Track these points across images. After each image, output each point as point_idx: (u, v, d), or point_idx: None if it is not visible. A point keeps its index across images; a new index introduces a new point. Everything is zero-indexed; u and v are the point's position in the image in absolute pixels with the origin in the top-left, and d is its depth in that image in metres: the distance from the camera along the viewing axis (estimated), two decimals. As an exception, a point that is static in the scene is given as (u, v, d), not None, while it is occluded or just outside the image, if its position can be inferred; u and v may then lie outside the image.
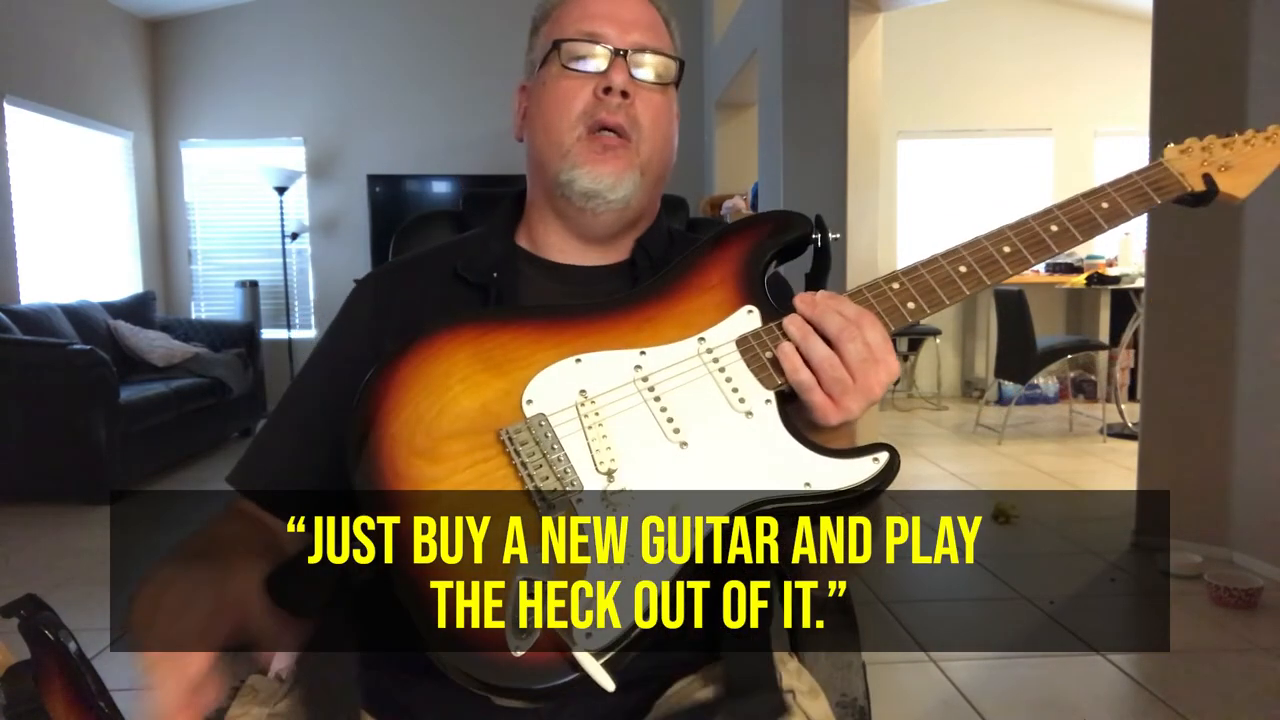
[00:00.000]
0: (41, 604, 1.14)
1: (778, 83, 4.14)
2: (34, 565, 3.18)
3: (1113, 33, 6.56)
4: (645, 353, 0.75)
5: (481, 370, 0.73)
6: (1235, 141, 0.82)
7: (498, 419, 0.71)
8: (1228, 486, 2.99)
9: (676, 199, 1.17)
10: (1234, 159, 0.81)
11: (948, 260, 0.76)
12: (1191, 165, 0.81)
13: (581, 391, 0.73)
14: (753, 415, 0.72)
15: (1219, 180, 0.80)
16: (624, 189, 0.86)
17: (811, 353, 0.71)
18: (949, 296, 0.75)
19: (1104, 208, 0.79)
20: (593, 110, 0.85)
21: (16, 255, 4.93)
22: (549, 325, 0.76)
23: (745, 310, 0.76)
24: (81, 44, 5.63)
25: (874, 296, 0.75)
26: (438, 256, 0.94)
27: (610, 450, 0.70)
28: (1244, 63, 2.89)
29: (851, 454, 0.70)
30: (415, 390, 0.72)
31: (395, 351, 0.74)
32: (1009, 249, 0.77)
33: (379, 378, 0.73)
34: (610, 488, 0.69)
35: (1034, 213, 0.78)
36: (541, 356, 0.74)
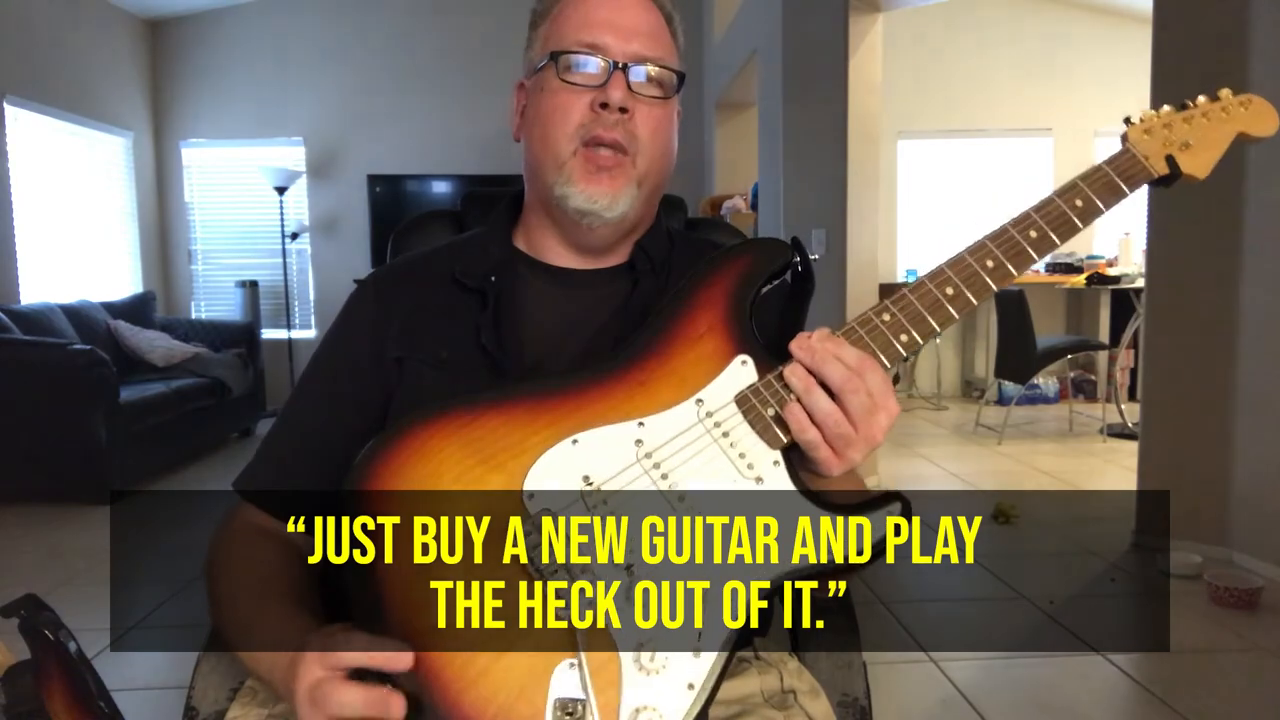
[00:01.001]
0: (41, 604, 1.14)
1: (778, 83, 4.14)
2: (34, 565, 3.18)
3: (1113, 33, 6.56)
4: (644, 423, 0.70)
5: (475, 466, 0.68)
6: (1194, 115, 0.82)
7: (501, 521, 0.67)
8: (1228, 486, 2.99)
9: (674, 199, 1.17)
10: (1193, 135, 0.81)
11: (934, 283, 0.74)
12: (1154, 146, 0.80)
13: (585, 479, 0.68)
14: (763, 481, 0.69)
15: (1180, 161, 0.80)
16: (620, 206, 0.84)
17: (815, 408, 0.68)
18: (939, 323, 0.74)
19: (1078, 205, 0.78)
20: (590, 125, 0.82)
21: (16, 255, 4.93)
22: (538, 402, 0.71)
23: (739, 361, 0.72)
24: (81, 44, 5.63)
25: (868, 333, 0.72)
26: (437, 258, 0.92)
27: (625, 541, 0.67)
28: (1244, 62, 2.89)
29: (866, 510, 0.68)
30: (405, 499, 0.67)
31: (374, 453, 0.69)
32: (992, 263, 0.75)
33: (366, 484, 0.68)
34: (631, 582, 0.66)
35: (1012, 219, 0.77)
36: (535, 442, 0.69)
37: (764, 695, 0.85)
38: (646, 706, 0.63)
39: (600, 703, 0.63)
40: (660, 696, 0.63)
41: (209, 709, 0.87)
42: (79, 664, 1.12)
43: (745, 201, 5.22)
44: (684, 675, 0.64)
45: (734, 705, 0.83)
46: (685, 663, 0.64)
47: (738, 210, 5.17)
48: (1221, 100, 0.83)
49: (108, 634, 2.50)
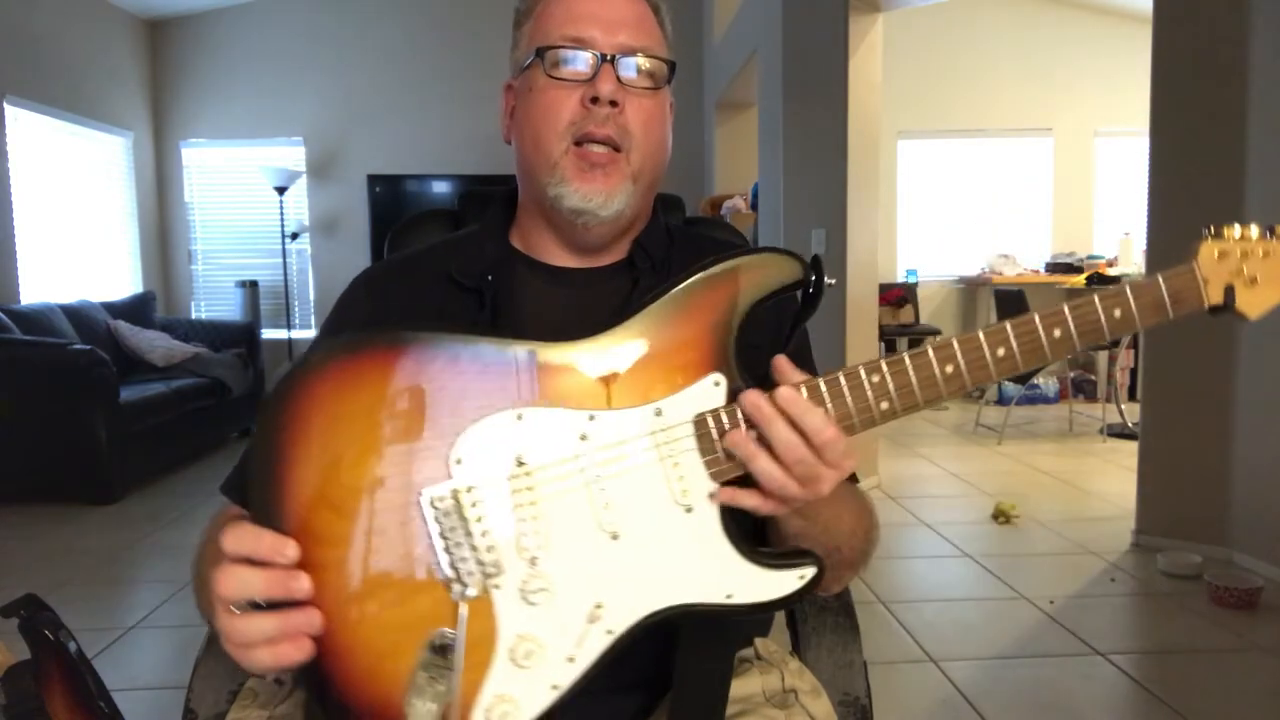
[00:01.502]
0: (41, 604, 1.14)
1: (778, 83, 4.14)
2: (34, 565, 3.18)
3: (1113, 33, 6.56)
4: (595, 417, 0.67)
5: (409, 412, 0.66)
6: (1275, 250, 0.73)
7: (421, 477, 0.66)
8: (1228, 486, 2.99)
9: (672, 198, 1.16)
10: (1265, 271, 0.72)
11: (937, 355, 0.69)
12: (1220, 272, 0.72)
13: (518, 460, 0.66)
14: (692, 511, 0.67)
15: (1239, 295, 0.72)
16: (616, 204, 0.82)
17: (757, 471, 0.66)
18: (926, 400, 0.69)
19: (1116, 316, 0.71)
20: (580, 122, 0.80)
21: (16, 255, 4.93)
22: (494, 364, 0.68)
23: (712, 381, 0.68)
24: (81, 44, 5.63)
25: (850, 388, 0.68)
26: (432, 257, 0.91)
27: (539, 535, 0.66)
28: (1244, 63, 2.89)
29: (781, 565, 0.68)
30: (332, 425, 0.65)
31: (311, 366, 0.67)
32: (1003, 352, 0.70)
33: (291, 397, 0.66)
34: (531, 576, 0.65)
35: (1045, 312, 0.71)
36: (478, 404, 0.67)
37: (765, 695, 0.85)
38: (507, 696, 0.64)
39: (465, 679, 0.63)
40: (522, 690, 0.64)
41: (208, 711, 0.87)
42: (79, 664, 1.12)
43: (745, 201, 5.22)
44: (552, 677, 0.65)
45: (735, 705, 0.82)
46: (557, 666, 0.65)
47: (738, 210, 5.17)
48: None
49: (108, 634, 2.51)
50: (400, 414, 0.66)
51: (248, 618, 0.62)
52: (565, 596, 0.65)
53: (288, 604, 0.62)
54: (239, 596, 0.62)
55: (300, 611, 0.62)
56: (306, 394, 0.66)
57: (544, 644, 0.65)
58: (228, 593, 0.62)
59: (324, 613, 0.63)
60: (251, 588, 0.62)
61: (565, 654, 0.65)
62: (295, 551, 0.63)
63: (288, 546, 0.62)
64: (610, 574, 0.66)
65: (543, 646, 0.65)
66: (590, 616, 0.65)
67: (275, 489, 0.64)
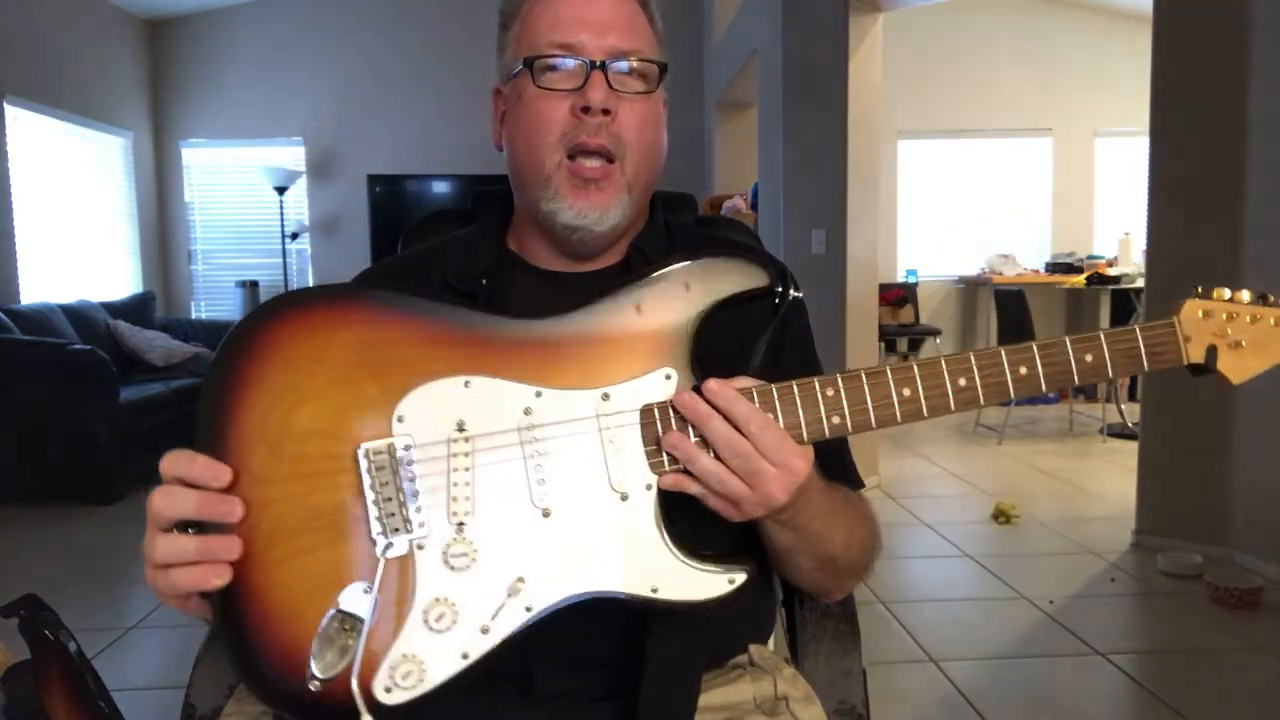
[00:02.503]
0: (41, 604, 1.14)
1: (778, 83, 4.14)
2: (34, 565, 3.18)
3: (1113, 33, 6.56)
4: (541, 394, 0.68)
5: (358, 364, 0.67)
6: (1264, 317, 0.71)
7: (361, 429, 0.66)
8: (1228, 486, 2.99)
9: (684, 196, 1.15)
10: (1250, 337, 0.71)
11: (895, 376, 0.69)
12: (1203, 331, 0.71)
13: (459, 424, 0.66)
14: (627, 499, 0.67)
15: (1221, 356, 0.71)
16: (611, 219, 0.80)
17: (697, 468, 0.66)
18: (879, 421, 0.69)
19: (1087, 361, 0.70)
20: (573, 132, 0.78)
21: (16, 255, 4.93)
22: (447, 330, 0.69)
23: (663, 374, 0.69)
24: (81, 44, 5.63)
25: (802, 398, 0.68)
26: (428, 259, 0.91)
27: (469, 500, 0.66)
28: (1244, 63, 2.89)
29: (712, 567, 0.67)
30: (280, 367, 0.66)
31: (270, 310, 0.68)
32: (964, 382, 0.69)
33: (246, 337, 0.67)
34: (455, 541, 0.65)
35: (1012, 346, 0.70)
36: (428, 367, 0.67)
37: (756, 702, 0.83)
38: (414, 657, 0.64)
39: (374, 635, 0.63)
40: (431, 653, 0.64)
41: (206, 706, 0.87)
42: (79, 664, 1.12)
43: (745, 201, 5.22)
44: (463, 644, 0.65)
45: (722, 712, 0.81)
46: (470, 635, 0.65)
47: (738, 210, 5.17)
48: None
49: (108, 634, 2.51)
50: (350, 366, 0.67)
51: (172, 536, 0.63)
52: (487, 566, 0.65)
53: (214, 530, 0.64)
54: (171, 514, 0.63)
55: (223, 536, 0.63)
56: (261, 336, 0.67)
57: (459, 610, 0.65)
58: (160, 508, 0.63)
59: (249, 550, 0.64)
60: (184, 506, 0.63)
61: (480, 624, 0.65)
62: (228, 476, 0.63)
63: (221, 471, 0.63)
64: (536, 550, 0.66)
65: (458, 612, 0.65)
66: (511, 589, 0.65)
67: (218, 423, 0.65)
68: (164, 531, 0.64)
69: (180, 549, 0.63)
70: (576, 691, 0.77)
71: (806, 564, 0.79)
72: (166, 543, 0.63)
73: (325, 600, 0.64)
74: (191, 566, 0.63)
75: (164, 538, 0.63)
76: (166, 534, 0.64)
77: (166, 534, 0.64)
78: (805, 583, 0.85)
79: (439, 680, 0.64)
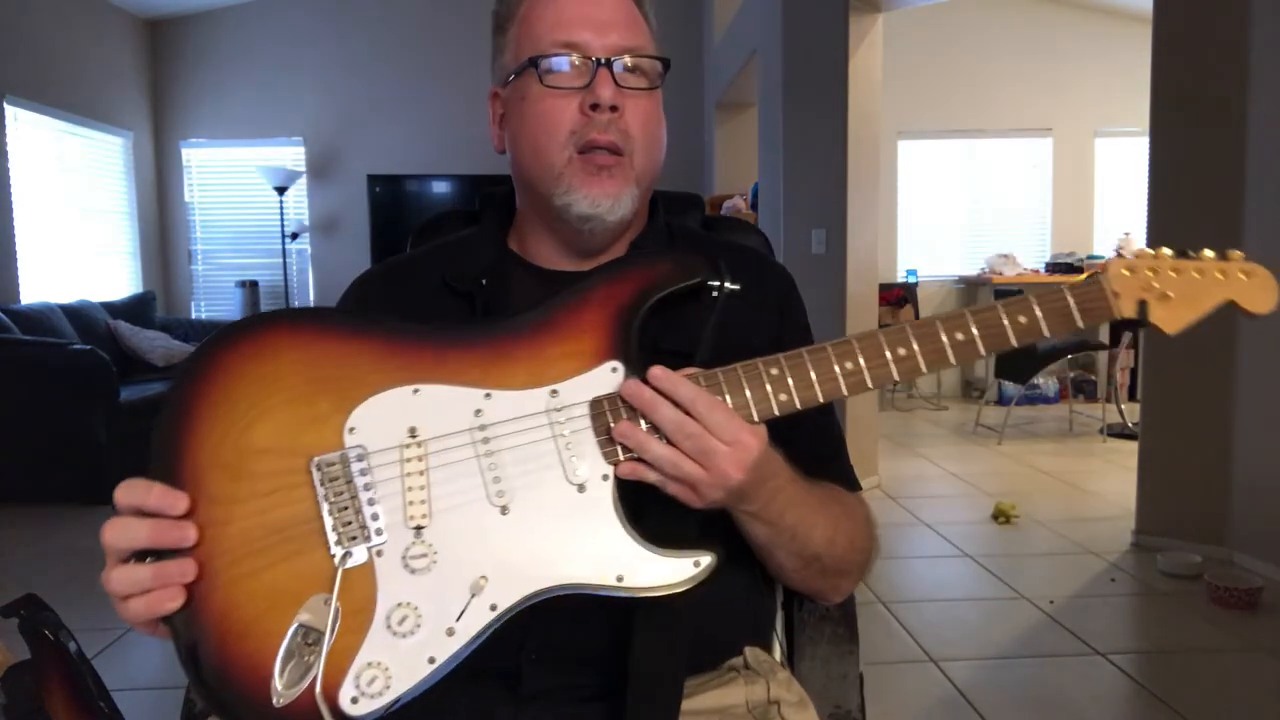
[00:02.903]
0: (41, 604, 1.14)
1: (778, 83, 4.14)
2: (34, 565, 3.18)
3: (1113, 33, 6.56)
4: (491, 395, 0.69)
5: (309, 382, 0.68)
6: (1187, 269, 0.75)
7: (314, 443, 0.66)
8: (1228, 486, 2.99)
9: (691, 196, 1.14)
10: (1178, 289, 0.74)
11: (836, 351, 0.71)
12: (1131, 287, 0.74)
13: (411, 430, 0.67)
14: (584, 491, 0.67)
15: (1152, 310, 0.74)
16: (622, 209, 0.81)
17: (650, 456, 0.67)
18: (825, 394, 0.70)
19: (1020, 322, 0.72)
20: (582, 130, 0.79)
21: (16, 255, 4.93)
22: (395, 344, 0.70)
23: (609, 367, 0.69)
24: (81, 44, 5.63)
25: (748, 380, 0.70)
26: (429, 260, 0.91)
27: (425, 504, 0.66)
28: (1244, 63, 2.89)
29: (676, 551, 0.67)
30: (234, 391, 0.67)
31: (223, 337, 0.69)
32: (904, 352, 0.71)
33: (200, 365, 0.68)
34: (414, 544, 0.65)
35: (946, 314, 0.72)
36: (377, 379, 0.68)
37: (748, 706, 0.83)
38: (380, 664, 0.63)
39: (338, 645, 0.63)
40: (397, 659, 0.63)
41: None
42: (79, 664, 1.12)
43: (745, 201, 5.22)
44: (429, 649, 0.64)
45: (714, 716, 0.81)
46: (435, 638, 0.64)
47: (738, 210, 5.17)
48: (1225, 262, 0.76)
49: (108, 634, 2.51)
50: (302, 384, 0.68)
51: (127, 567, 0.63)
52: (449, 567, 0.65)
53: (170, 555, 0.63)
54: (124, 545, 0.63)
55: (174, 560, 0.63)
56: (215, 361, 0.68)
57: (423, 614, 0.64)
58: (113, 540, 0.63)
59: (208, 569, 0.64)
60: (136, 536, 0.63)
61: (445, 626, 0.64)
62: (185, 503, 0.64)
63: (178, 499, 0.64)
64: (497, 547, 0.66)
65: (422, 616, 0.64)
66: (474, 588, 0.65)
67: (173, 450, 0.66)
68: (120, 563, 0.64)
69: (135, 579, 0.63)
70: (564, 689, 0.77)
71: (790, 562, 0.79)
72: (121, 574, 0.63)
73: (286, 615, 0.63)
74: (146, 594, 0.63)
75: (119, 569, 0.63)
76: (122, 565, 0.64)
77: (122, 565, 0.64)
78: (795, 583, 0.84)
79: (407, 686, 0.63)
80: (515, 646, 0.74)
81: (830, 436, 0.91)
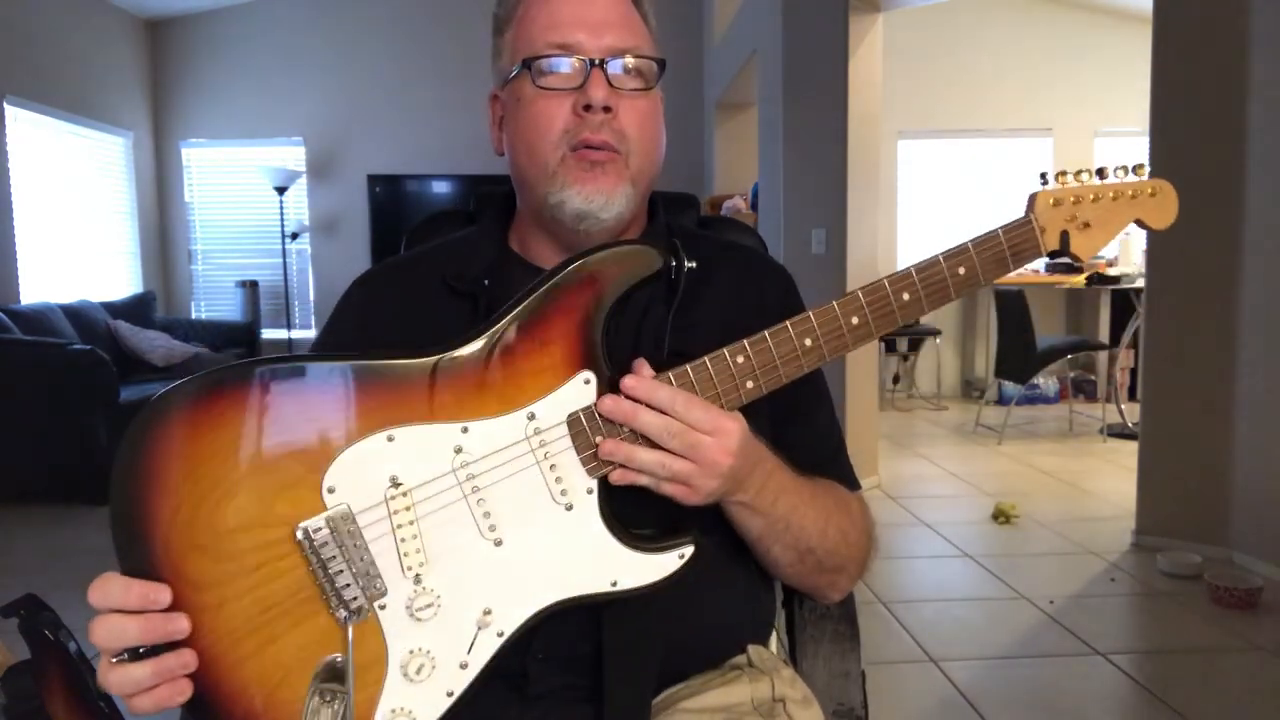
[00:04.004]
0: (41, 604, 1.14)
1: (778, 83, 4.13)
2: (34, 565, 3.18)
3: (1113, 33, 6.56)
4: (468, 429, 0.67)
5: (273, 447, 0.64)
6: (1103, 195, 0.77)
7: (294, 510, 0.64)
8: (1228, 486, 2.99)
9: (686, 197, 1.14)
10: (1095, 215, 0.77)
11: (796, 330, 0.72)
12: (1056, 219, 0.76)
13: (394, 481, 0.66)
14: (572, 509, 0.68)
15: (1073, 239, 0.77)
16: (616, 206, 0.80)
17: (638, 464, 0.68)
18: (789, 375, 0.72)
19: (960, 274, 0.74)
20: (575, 130, 0.79)
21: (16, 255, 4.93)
22: (362, 385, 0.66)
23: (582, 379, 0.69)
24: (81, 44, 5.63)
25: (716, 373, 0.70)
26: (430, 259, 0.91)
27: (420, 552, 0.66)
28: (1244, 63, 2.89)
29: (661, 547, 0.69)
30: (193, 468, 0.63)
31: (165, 406, 0.63)
32: (857, 320, 0.73)
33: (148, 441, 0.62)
34: (416, 593, 0.66)
35: (892, 274, 0.74)
36: (347, 430, 0.65)
37: (754, 704, 0.83)
38: (403, 710, 0.65)
39: (357, 700, 0.64)
40: (417, 702, 0.65)
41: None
42: (79, 664, 1.12)
43: (745, 201, 5.22)
44: (446, 685, 0.66)
45: (719, 714, 0.81)
46: (450, 674, 0.66)
47: (738, 210, 5.17)
48: (1133, 183, 0.79)
49: (108, 634, 2.50)
50: (265, 449, 0.64)
51: (123, 668, 0.62)
52: (453, 608, 0.66)
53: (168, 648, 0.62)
54: (116, 646, 0.62)
55: (173, 654, 0.62)
56: (160, 438, 0.63)
57: (435, 656, 0.65)
58: (103, 643, 0.62)
59: (210, 655, 0.63)
60: (127, 636, 0.61)
61: (458, 661, 0.66)
62: (167, 596, 0.62)
63: (160, 593, 0.62)
64: (496, 580, 0.67)
65: (434, 659, 0.65)
66: (480, 623, 0.66)
67: (141, 541, 0.63)
68: (115, 662, 0.62)
69: (135, 678, 0.61)
70: (571, 688, 0.77)
71: (785, 555, 0.80)
72: (119, 675, 0.62)
73: (300, 685, 0.64)
74: (151, 691, 0.62)
75: (116, 670, 0.62)
76: (118, 665, 0.62)
77: (118, 665, 0.62)
78: (792, 579, 0.85)
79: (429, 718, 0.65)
80: (522, 648, 0.75)
81: (830, 436, 0.91)
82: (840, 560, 0.83)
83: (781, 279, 0.92)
